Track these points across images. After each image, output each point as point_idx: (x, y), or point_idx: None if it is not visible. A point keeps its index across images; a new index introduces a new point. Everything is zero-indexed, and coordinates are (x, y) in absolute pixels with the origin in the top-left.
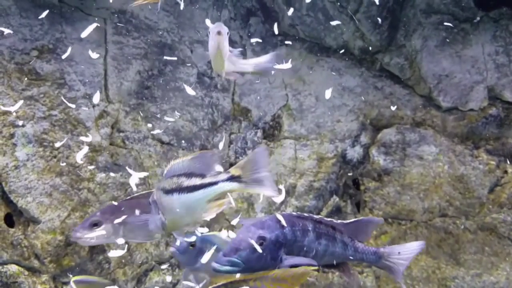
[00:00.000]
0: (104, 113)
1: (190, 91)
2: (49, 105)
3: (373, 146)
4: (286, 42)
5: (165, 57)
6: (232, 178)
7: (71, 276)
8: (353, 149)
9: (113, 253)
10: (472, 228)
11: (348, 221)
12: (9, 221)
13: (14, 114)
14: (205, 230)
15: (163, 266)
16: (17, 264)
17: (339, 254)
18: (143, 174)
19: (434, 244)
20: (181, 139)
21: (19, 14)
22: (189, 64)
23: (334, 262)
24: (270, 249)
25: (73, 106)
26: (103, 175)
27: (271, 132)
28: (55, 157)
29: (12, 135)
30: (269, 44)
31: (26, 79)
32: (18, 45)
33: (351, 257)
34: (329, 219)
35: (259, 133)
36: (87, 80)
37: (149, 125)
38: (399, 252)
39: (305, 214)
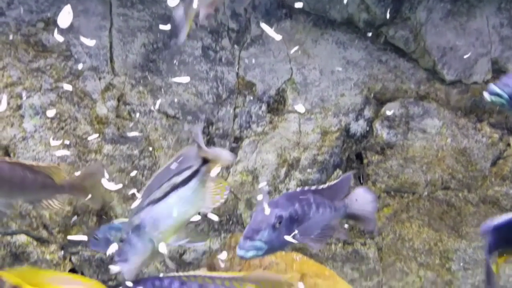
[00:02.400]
0: (110, 85)
1: (183, 79)
2: (56, 77)
3: (376, 120)
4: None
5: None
6: (204, 161)
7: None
8: (356, 123)
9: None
10: (474, 201)
11: (331, 183)
12: None
13: (21, 85)
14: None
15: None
16: (26, 234)
17: (329, 219)
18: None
19: (436, 216)
20: (186, 113)
21: None
22: (194, 37)
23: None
24: (287, 226)
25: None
26: (110, 147)
27: (275, 106)
28: (62, 128)
29: (19, 107)
30: (274, 17)
31: (32, 51)
32: (24, 16)
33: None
34: (313, 187)
35: (264, 107)
36: (92, 53)
37: (156, 99)
38: (356, 199)
39: (301, 188)
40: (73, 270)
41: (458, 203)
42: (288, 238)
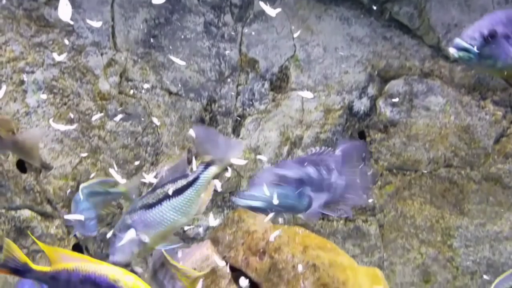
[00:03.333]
0: (112, 61)
1: (179, 61)
2: (58, 52)
3: (380, 98)
4: None
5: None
6: (207, 165)
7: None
8: (360, 101)
9: None
10: (477, 178)
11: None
12: (21, 167)
13: (24, 60)
14: None
15: None
16: (30, 209)
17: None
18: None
19: (438, 194)
20: (189, 90)
21: None
22: (196, 13)
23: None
24: (294, 186)
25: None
26: (113, 123)
27: (278, 83)
28: (65, 104)
29: (22, 82)
30: None
31: (34, 25)
32: None
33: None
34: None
35: (266, 85)
36: (94, 28)
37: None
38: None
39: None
40: (77, 245)
41: (461, 180)
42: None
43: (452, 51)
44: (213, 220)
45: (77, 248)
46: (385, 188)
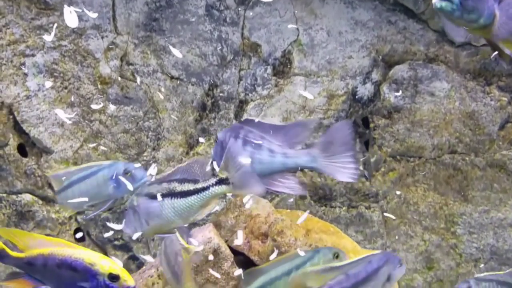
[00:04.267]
0: (113, 44)
1: (177, 53)
2: (59, 35)
3: (384, 83)
4: None
5: None
6: (220, 182)
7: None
8: (364, 86)
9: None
10: (481, 165)
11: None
12: (22, 151)
13: (24, 43)
14: None
15: None
16: (31, 193)
17: (269, 162)
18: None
19: (442, 180)
20: (190, 75)
21: None
22: None
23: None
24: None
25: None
26: (114, 107)
27: (281, 68)
28: (66, 88)
29: (22, 65)
30: None
31: (35, 8)
32: None
33: (283, 164)
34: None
35: (269, 70)
36: (95, 11)
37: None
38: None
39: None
40: (78, 230)
41: (465, 167)
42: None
43: (434, 1)
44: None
45: (79, 232)
46: (388, 175)
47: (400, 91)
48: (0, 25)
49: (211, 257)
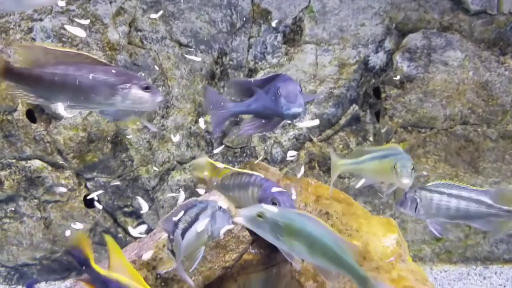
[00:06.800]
0: (121, 9)
1: (195, 58)
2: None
3: (397, 52)
4: None
5: None
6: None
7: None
8: (376, 55)
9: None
10: (493, 136)
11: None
12: (31, 117)
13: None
14: None
15: (185, 166)
16: (40, 159)
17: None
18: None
19: (453, 152)
20: (199, 42)
21: None
22: None
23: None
24: None
25: None
26: None
27: (292, 36)
28: None
29: (30, 29)
30: None
31: None
32: None
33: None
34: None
35: (279, 37)
36: None
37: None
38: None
39: None
40: (87, 196)
41: (477, 138)
42: None
43: None
44: None
45: (88, 199)
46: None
47: (413, 60)
48: None
49: None
